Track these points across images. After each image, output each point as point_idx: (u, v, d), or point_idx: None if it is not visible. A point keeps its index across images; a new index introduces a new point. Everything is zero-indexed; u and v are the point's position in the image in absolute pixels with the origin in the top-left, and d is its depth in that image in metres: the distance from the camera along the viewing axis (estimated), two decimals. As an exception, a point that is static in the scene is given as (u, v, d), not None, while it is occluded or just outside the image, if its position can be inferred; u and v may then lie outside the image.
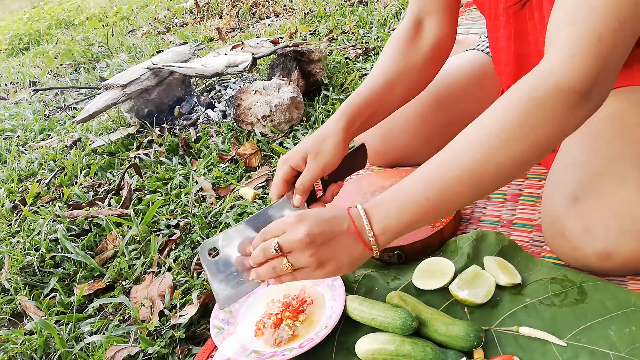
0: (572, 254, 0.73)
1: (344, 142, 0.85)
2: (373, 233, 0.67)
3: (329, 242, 0.67)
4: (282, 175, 0.83)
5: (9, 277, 1.21)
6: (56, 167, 1.82)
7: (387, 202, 0.68)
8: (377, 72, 0.92)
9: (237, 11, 3.42)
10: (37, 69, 3.49)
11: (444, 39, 0.94)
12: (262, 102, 1.60)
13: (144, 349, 0.90)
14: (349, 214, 0.69)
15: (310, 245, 0.66)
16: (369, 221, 0.68)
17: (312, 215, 0.69)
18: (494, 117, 0.63)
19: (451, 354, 0.67)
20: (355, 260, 0.69)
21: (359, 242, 0.68)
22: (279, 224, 0.70)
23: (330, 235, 0.67)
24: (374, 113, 0.90)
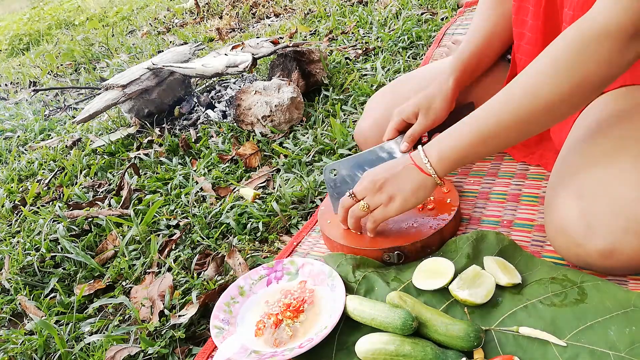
0: (574, 251, 0.73)
1: (452, 99, 0.98)
2: (429, 160, 0.79)
3: (392, 179, 0.81)
4: (394, 125, 1.00)
5: (9, 277, 1.21)
6: (56, 167, 1.82)
7: (444, 136, 0.79)
8: (477, 26, 1.01)
9: (237, 11, 3.42)
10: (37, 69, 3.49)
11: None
12: (262, 102, 1.60)
13: (144, 349, 0.90)
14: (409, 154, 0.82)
15: (376, 185, 0.82)
16: (426, 154, 0.79)
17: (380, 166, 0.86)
18: (544, 58, 0.68)
19: (451, 354, 0.67)
20: (417, 187, 0.80)
21: (417, 170, 0.80)
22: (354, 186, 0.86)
23: (390, 173, 0.82)
24: (478, 67, 1.01)
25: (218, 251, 1.13)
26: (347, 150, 1.35)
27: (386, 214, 0.82)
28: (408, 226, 0.90)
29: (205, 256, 1.14)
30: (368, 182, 0.83)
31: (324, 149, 1.41)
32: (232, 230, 1.19)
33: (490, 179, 1.06)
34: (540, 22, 0.88)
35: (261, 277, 0.91)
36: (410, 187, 0.80)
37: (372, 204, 0.83)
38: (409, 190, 0.80)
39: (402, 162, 0.82)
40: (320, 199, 1.20)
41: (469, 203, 1.01)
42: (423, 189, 0.80)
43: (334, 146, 1.40)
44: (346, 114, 1.58)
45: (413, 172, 0.80)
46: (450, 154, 0.78)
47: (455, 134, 0.77)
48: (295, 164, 1.38)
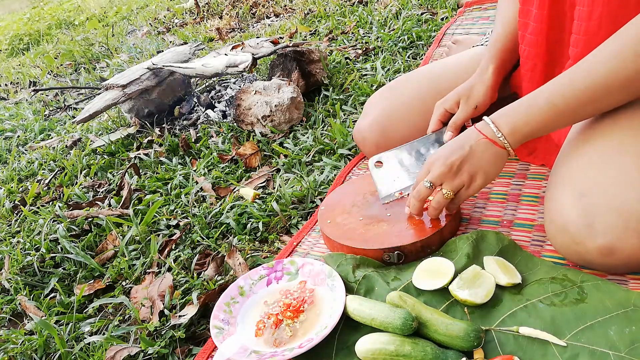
0: (574, 250, 0.73)
1: (494, 85, 0.98)
2: (502, 134, 0.77)
3: (467, 157, 0.80)
4: (437, 116, 1.00)
5: (9, 277, 1.21)
6: (56, 167, 1.82)
7: (515, 108, 0.77)
8: (506, 12, 1.00)
9: (237, 11, 3.42)
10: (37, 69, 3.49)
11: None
12: (262, 102, 1.60)
13: (144, 349, 0.90)
14: (475, 127, 0.81)
15: (452, 170, 0.80)
16: (496, 125, 0.78)
17: (444, 148, 0.83)
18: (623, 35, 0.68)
19: (451, 354, 0.67)
20: (495, 161, 0.80)
21: (492, 144, 0.79)
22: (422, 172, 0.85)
23: (465, 152, 0.79)
24: (515, 51, 1.00)
25: (218, 251, 1.13)
26: (347, 150, 1.35)
27: (470, 193, 0.83)
28: (408, 226, 0.90)
29: (205, 256, 1.14)
30: (442, 167, 0.80)
31: (324, 149, 1.41)
32: (232, 230, 1.19)
33: (490, 179, 1.06)
34: (545, 12, 0.88)
35: (261, 277, 0.91)
36: (488, 163, 0.80)
37: (454, 187, 0.81)
38: (488, 165, 0.80)
39: (471, 139, 0.80)
40: (320, 199, 1.20)
41: (469, 203, 1.01)
42: (500, 160, 0.80)
43: (334, 146, 1.40)
44: (346, 114, 1.58)
45: (488, 146, 0.79)
46: (523, 126, 0.76)
47: (529, 106, 0.76)
48: (295, 164, 1.38)
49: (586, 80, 0.71)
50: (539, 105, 0.75)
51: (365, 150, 1.19)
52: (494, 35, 1.01)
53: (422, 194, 0.84)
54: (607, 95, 0.72)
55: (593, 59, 0.71)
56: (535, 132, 0.77)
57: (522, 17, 0.94)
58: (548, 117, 0.75)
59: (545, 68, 0.93)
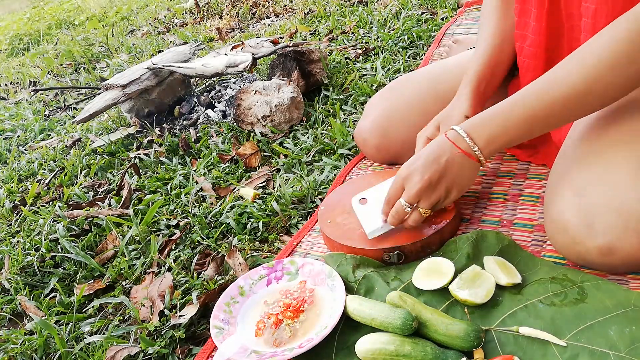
0: (574, 249, 0.73)
1: (473, 110, 0.95)
2: (477, 147, 0.76)
3: (444, 172, 0.78)
4: (421, 145, 0.98)
5: (9, 277, 1.21)
6: (56, 167, 1.82)
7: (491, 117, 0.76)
8: (486, 36, 1.00)
9: (237, 11, 3.42)
10: (37, 69, 3.49)
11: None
12: (262, 102, 1.60)
13: (144, 349, 0.90)
14: (448, 138, 0.79)
15: (430, 186, 0.78)
16: (471, 138, 0.77)
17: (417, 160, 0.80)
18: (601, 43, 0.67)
19: (451, 354, 0.67)
20: (470, 174, 0.80)
21: (466, 158, 0.78)
22: (395, 186, 0.82)
23: (441, 167, 0.78)
24: (493, 75, 0.99)
25: (218, 251, 1.13)
26: (347, 150, 1.35)
27: (443, 205, 0.83)
28: (408, 226, 0.90)
29: (205, 256, 1.14)
30: (419, 184, 0.78)
31: (324, 149, 1.41)
32: (232, 230, 1.19)
33: (490, 179, 1.06)
34: (543, 24, 0.88)
35: (261, 277, 0.91)
36: (464, 177, 0.80)
37: (431, 204, 0.81)
38: (464, 179, 0.80)
39: (445, 151, 0.79)
40: (320, 199, 1.20)
41: (469, 203, 1.00)
42: (475, 172, 0.81)
43: (334, 146, 1.40)
44: (346, 114, 1.58)
45: (463, 160, 0.78)
46: (499, 137, 0.75)
47: (505, 115, 0.74)
48: (295, 164, 1.38)
49: (562, 88, 0.70)
50: (516, 114, 0.73)
51: (366, 152, 1.19)
52: (473, 58, 0.99)
53: (401, 214, 0.82)
54: (583, 104, 0.71)
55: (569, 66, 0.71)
56: (510, 142, 0.76)
57: (520, 29, 0.94)
58: (525, 126, 0.74)
59: None
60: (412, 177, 0.79)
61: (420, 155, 0.80)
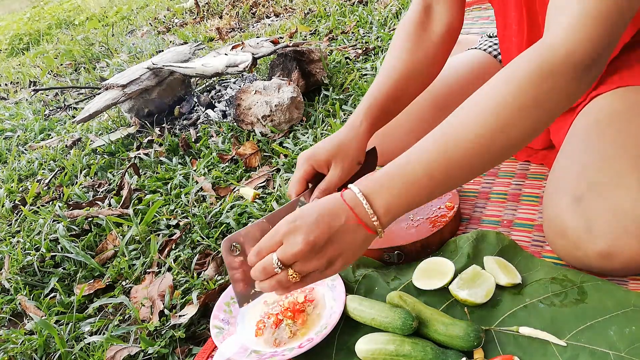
0: (574, 254, 0.73)
1: (365, 146, 0.88)
2: (377, 217, 0.64)
3: (331, 239, 0.64)
4: (302, 174, 0.84)
5: (9, 277, 1.21)
6: (56, 167, 1.82)
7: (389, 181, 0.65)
8: (391, 67, 0.93)
9: (237, 11, 3.42)
10: (37, 69, 3.49)
11: (454, 23, 0.94)
12: (262, 102, 1.60)
13: (144, 349, 0.90)
14: (345, 201, 0.65)
15: (312, 250, 0.63)
16: (370, 203, 0.64)
17: (305, 216, 0.65)
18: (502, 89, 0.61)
19: (451, 354, 0.67)
20: (360, 247, 0.66)
21: (362, 228, 0.65)
22: (272, 236, 0.65)
23: (330, 233, 0.64)
24: (392, 110, 0.92)
25: (218, 251, 1.13)
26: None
27: (320, 279, 0.67)
28: (408, 226, 0.90)
29: (205, 256, 1.14)
30: (301, 245, 0.62)
31: (324, 149, 1.41)
32: (232, 230, 1.19)
33: (490, 179, 1.06)
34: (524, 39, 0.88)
35: (261, 277, 0.91)
36: (353, 250, 0.66)
37: (305, 271, 0.64)
38: (351, 252, 0.66)
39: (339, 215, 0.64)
40: (320, 199, 1.20)
41: (469, 203, 1.01)
42: (366, 245, 0.67)
43: (334, 146, 1.39)
44: (346, 114, 1.58)
45: (357, 230, 0.65)
46: (399, 204, 0.64)
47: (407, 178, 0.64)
48: (295, 164, 1.38)
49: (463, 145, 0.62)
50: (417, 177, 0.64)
51: None
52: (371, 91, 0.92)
53: (268, 271, 0.65)
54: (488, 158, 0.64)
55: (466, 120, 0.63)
56: (409, 208, 0.66)
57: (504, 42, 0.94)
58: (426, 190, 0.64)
59: None
60: (294, 234, 0.63)
61: (310, 212, 0.65)
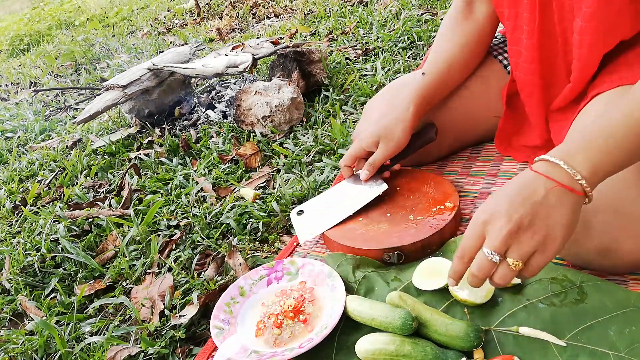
0: (573, 250, 0.73)
1: (412, 126, 0.97)
2: (581, 176, 0.60)
3: (537, 213, 0.59)
4: (354, 152, 1.00)
5: (10, 278, 1.21)
6: (57, 167, 1.82)
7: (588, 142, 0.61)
8: (439, 56, 1.01)
9: (238, 12, 3.42)
10: (38, 69, 3.49)
11: (493, 13, 0.99)
12: (262, 102, 1.60)
13: (144, 349, 0.90)
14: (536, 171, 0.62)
15: (521, 229, 0.59)
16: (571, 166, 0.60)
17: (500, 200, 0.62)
18: None
19: (451, 354, 0.67)
20: (573, 213, 0.61)
21: (568, 193, 0.60)
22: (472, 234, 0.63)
23: (533, 206, 0.59)
24: (436, 95, 1.01)
25: (218, 251, 1.13)
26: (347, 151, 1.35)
27: (548, 259, 0.61)
28: (408, 226, 0.90)
29: (206, 256, 1.14)
30: (506, 226, 0.59)
31: (324, 149, 1.41)
32: (232, 230, 1.19)
33: (490, 179, 1.06)
34: (535, 40, 0.88)
35: (261, 277, 0.91)
36: (567, 215, 0.60)
37: (523, 254, 0.60)
38: (567, 220, 0.60)
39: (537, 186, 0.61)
40: (321, 199, 1.20)
41: (469, 203, 1.01)
42: (578, 211, 0.62)
43: (334, 146, 1.40)
44: (346, 114, 1.58)
45: (564, 195, 0.60)
46: (605, 164, 0.61)
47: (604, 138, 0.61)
48: (296, 164, 1.38)
49: None
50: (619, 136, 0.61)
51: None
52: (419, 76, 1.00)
53: (486, 268, 0.61)
54: None
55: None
56: (616, 170, 0.62)
57: (513, 44, 0.94)
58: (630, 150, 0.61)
59: (541, 93, 0.93)
60: (495, 221, 0.61)
61: (502, 194, 0.62)
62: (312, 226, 0.97)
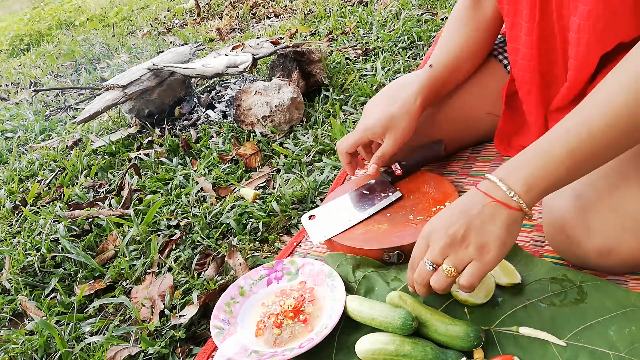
0: (573, 251, 0.73)
1: (418, 118, 0.98)
2: (514, 192, 0.63)
3: (471, 226, 0.64)
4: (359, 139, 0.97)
5: (10, 277, 1.21)
6: (57, 167, 1.82)
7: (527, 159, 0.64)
8: (445, 49, 1.01)
9: (238, 12, 3.42)
10: (38, 69, 3.49)
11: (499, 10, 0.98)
12: (262, 102, 1.60)
13: (144, 349, 0.90)
14: (478, 188, 0.66)
15: (455, 241, 0.65)
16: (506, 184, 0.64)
17: (443, 214, 0.68)
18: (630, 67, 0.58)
19: (451, 354, 0.67)
20: (510, 226, 0.64)
21: (502, 208, 0.64)
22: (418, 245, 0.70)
23: (468, 220, 0.64)
24: (443, 88, 1.02)
25: (218, 251, 1.13)
26: (347, 151, 1.35)
27: (485, 268, 0.64)
28: (408, 226, 0.90)
29: (206, 256, 1.14)
30: (443, 239, 0.65)
31: (324, 149, 1.41)
32: (232, 230, 1.19)
33: (490, 179, 1.06)
34: (534, 38, 0.87)
35: (261, 277, 0.91)
36: (502, 229, 0.64)
37: (459, 263, 0.65)
38: (502, 233, 0.64)
39: (475, 202, 0.66)
40: (321, 199, 1.20)
41: (469, 203, 1.00)
42: (516, 225, 0.65)
43: (334, 146, 1.40)
44: (346, 114, 1.58)
45: (498, 210, 0.64)
46: (539, 181, 0.62)
47: (543, 156, 0.62)
48: (296, 164, 1.38)
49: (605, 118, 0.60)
50: (555, 153, 0.62)
51: None
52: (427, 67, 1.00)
53: (424, 276, 0.68)
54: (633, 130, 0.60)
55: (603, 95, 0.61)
56: (553, 186, 0.64)
57: (512, 42, 0.94)
58: (567, 167, 0.62)
59: (540, 92, 0.93)
60: (435, 232, 0.67)
61: (446, 210, 0.69)
62: (325, 229, 0.96)
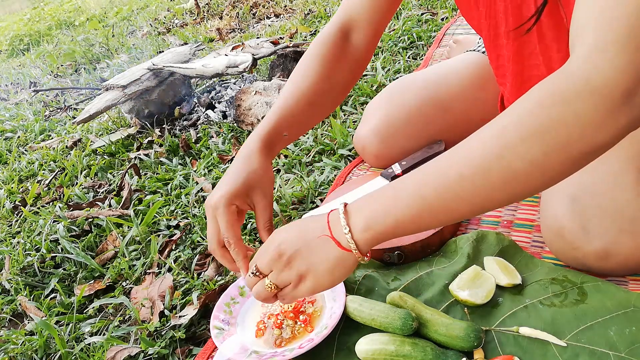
0: (571, 254, 0.73)
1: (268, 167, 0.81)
2: (350, 230, 0.59)
3: (300, 251, 0.61)
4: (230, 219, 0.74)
5: (10, 278, 1.21)
6: (56, 167, 1.82)
7: (375, 198, 0.60)
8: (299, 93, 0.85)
9: (238, 12, 3.42)
10: (38, 69, 3.49)
11: (368, 53, 0.89)
12: (262, 102, 1.60)
13: (144, 349, 0.90)
14: (327, 215, 0.62)
15: (280, 260, 0.62)
16: (347, 220, 0.59)
17: (287, 228, 0.65)
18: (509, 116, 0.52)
19: (451, 355, 0.67)
20: (333, 266, 0.61)
21: (332, 244, 0.60)
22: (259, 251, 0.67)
23: (299, 244, 0.62)
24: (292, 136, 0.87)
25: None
26: (347, 151, 1.35)
27: (295, 296, 0.65)
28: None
29: (206, 256, 1.14)
30: (274, 252, 0.63)
31: (324, 149, 1.41)
32: (232, 230, 1.18)
33: (490, 179, 1.06)
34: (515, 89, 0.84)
35: (261, 278, 0.91)
36: (324, 266, 0.61)
37: (278, 282, 0.64)
38: (323, 270, 0.61)
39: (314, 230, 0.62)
40: (321, 199, 1.20)
41: (469, 203, 1.00)
42: (341, 267, 0.61)
43: (334, 146, 1.40)
44: (346, 114, 1.58)
45: (328, 246, 0.61)
46: (380, 223, 0.58)
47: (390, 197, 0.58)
48: (295, 165, 1.38)
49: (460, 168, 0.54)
50: (402, 197, 0.57)
51: (365, 158, 1.18)
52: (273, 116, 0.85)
53: (249, 281, 0.67)
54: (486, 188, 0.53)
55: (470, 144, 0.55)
56: (395, 232, 0.58)
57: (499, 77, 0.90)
58: (414, 213, 0.56)
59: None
60: (271, 243, 0.65)
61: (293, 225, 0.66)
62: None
